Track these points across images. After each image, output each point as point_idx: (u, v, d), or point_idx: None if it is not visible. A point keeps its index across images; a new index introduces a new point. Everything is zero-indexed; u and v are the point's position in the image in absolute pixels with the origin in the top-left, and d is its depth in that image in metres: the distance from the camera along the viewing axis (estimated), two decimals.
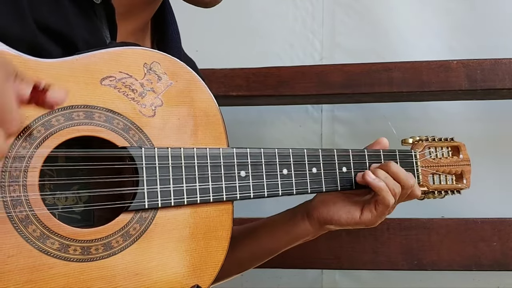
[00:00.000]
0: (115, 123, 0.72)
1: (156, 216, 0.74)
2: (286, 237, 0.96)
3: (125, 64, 0.74)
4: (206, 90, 0.81)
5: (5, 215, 0.64)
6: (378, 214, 0.90)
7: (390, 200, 0.88)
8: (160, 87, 0.77)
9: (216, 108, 0.81)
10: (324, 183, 0.89)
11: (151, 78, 0.76)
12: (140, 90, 0.75)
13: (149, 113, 0.75)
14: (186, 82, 0.79)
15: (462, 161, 1.04)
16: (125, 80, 0.74)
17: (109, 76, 0.73)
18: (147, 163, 0.73)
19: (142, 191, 0.72)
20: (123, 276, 0.70)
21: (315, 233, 0.95)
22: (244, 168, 0.81)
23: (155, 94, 0.76)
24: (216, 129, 0.81)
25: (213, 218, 0.78)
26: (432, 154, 1.01)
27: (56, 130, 0.68)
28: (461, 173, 1.04)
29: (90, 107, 0.71)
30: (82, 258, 0.68)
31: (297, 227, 0.95)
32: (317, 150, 0.88)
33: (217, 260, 0.78)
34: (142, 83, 0.75)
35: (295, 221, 0.95)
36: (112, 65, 0.73)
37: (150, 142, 0.74)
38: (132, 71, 0.75)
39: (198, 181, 0.77)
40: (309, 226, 0.94)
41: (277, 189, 0.84)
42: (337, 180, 0.90)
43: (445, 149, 1.04)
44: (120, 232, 0.71)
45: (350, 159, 0.91)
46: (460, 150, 1.05)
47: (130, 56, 0.75)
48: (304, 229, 0.94)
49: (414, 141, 1.02)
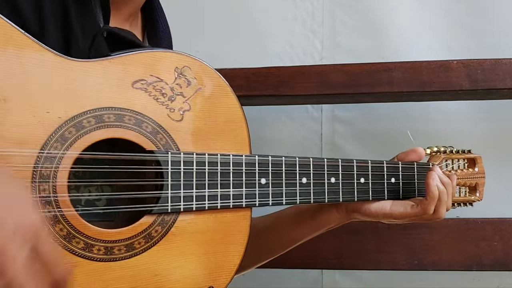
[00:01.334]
0: (144, 126, 0.73)
1: (178, 219, 0.75)
2: (311, 223, 0.96)
3: (157, 67, 0.76)
4: (233, 96, 0.82)
5: None
6: (411, 214, 0.90)
7: (431, 210, 0.89)
8: (189, 91, 0.78)
9: (242, 115, 0.82)
10: (341, 194, 0.89)
11: (181, 82, 0.77)
12: (170, 94, 0.76)
13: (177, 118, 0.76)
14: (214, 87, 0.80)
15: (477, 174, 1.04)
16: (156, 83, 0.75)
17: (141, 79, 0.74)
18: (172, 168, 0.74)
19: (166, 195, 0.73)
20: (143, 276, 0.72)
21: (340, 221, 0.95)
22: (265, 176, 0.82)
23: (184, 98, 0.77)
24: (240, 135, 0.82)
25: (232, 223, 0.80)
26: (449, 166, 1.01)
27: (86, 131, 0.69)
28: (475, 185, 1.04)
29: (120, 110, 0.72)
30: (105, 258, 0.70)
31: (323, 213, 0.95)
32: (337, 160, 0.89)
33: (233, 264, 0.80)
34: (172, 87, 0.76)
35: (321, 207, 0.95)
36: (144, 68, 0.75)
37: (176, 147, 0.75)
38: (163, 75, 0.76)
39: (220, 187, 0.78)
40: (336, 213, 0.94)
41: (295, 197, 0.85)
42: (355, 191, 0.91)
43: (461, 161, 1.03)
44: (142, 234, 0.73)
45: (368, 170, 0.92)
46: (476, 162, 1.05)
47: (162, 59, 0.76)
48: (330, 216, 0.95)
49: (432, 152, 1.01)
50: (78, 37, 0.77)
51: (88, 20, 0.79)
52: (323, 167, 0.87)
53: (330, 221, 0.95)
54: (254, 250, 0.84)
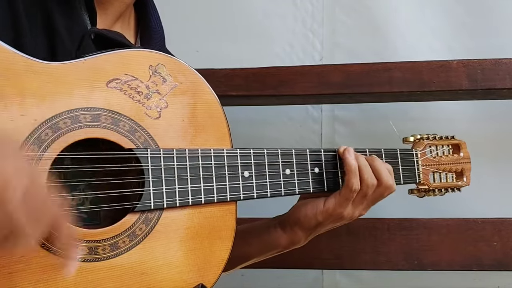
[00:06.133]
0: (121, 125, 0.73)
1: (162, 216, 0.75)
2: (258, 242, 0.95)
3: (131, 66, 0.76)
4: (210, 91, 0.82)
5: None
6: (341, 199, 0.88)
7: (355, 184, 0.87)
8: (165, 89, 0.78)
9: (220, 109, 0.82)
10: (326, 183, 0.89)
11: (156, 80, 0.77)
12: (146, 92, 0.76)
13: (155, 115, 0.76)
14: (191, 84, 0.80)
15: (462, 159, 1.04)
16: (131, 82, 0.75)
17: (115, 78, 0.74)
18: (152, 165, 0.74)
19: (148, 192, 0.73)
20: (129, 275, 0.72)
21: (289, 240, 0.93)
22: (247, 169, 0.82)
23: (160, 96, 0.77)
24: (220, 130, 0.82)
25: (217, 218, 0.79)
26: (433, 152, 1.02)
27: (63, 132, 0.69)
28: (461, 171, 1.04)
29: (96, 109, 0.72)
30: (90, 258, 0.69)
31: (269, 233, 0.94)
32: (320, 150, 0.89)
33: (221, 259, 0.79)
34: (148, 85, 0.76)
35: (268, 228, 0.95)
36: (118, 68, 0.74)
37: (155, 144, 0.75)
38: (137, 73, 0.76)
39: (203, 182, 0.78)
40: (281, 232, 0.93)
41: (279, 189, 0.84)
42: (339, 180, 0.91)
43: (446, 147, 1.04)
44: (126, 233, 0.72)
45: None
46: (460, 148, 1.05)
47: (135, 58, 0.76)
48: (276, 237, 0.94)
49: (415, 139, 1.03)
50: (63, 39, 0.77)
51: (74, 22, 0.79)
52: (306, 157, 0.87)
53: (277, 242, 0.93)
54: None
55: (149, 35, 0.93)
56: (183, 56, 0.83)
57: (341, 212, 0.89)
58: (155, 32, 0.93)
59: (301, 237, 0.93)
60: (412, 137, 1.03)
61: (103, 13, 0.84)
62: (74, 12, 0.80)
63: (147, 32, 0.93)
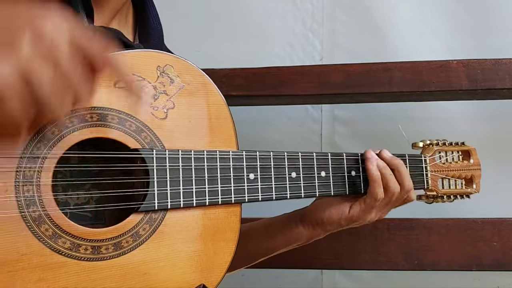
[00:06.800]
0: (128, 125, 0.73)
1: (166, 217, 0.75)
2: (281, 237, 0.96)
3: (139, 67, 0.76)
4: (218, 93, 0.82)
5: (18, 214, 0.65)
6: (366, 207, 0.90)
7: (379, 194, 0.88)
8: (173, 89, 0.78)
9: (227, 111, 0.82)
10: (332, 187, 0.89)
11: (164, 81, 0.77)
12: (153, 93, 0.76)
13: (161, 116, 0.76)
14: (198, 85, 0.80)
15: (472, 166, 1.03)
16: (138, 82, 0.75)
17: None
18: (158, 165, 0.74)
19: (152, 193, 0.73)
20: (132, 275, 0.72)
21: (311, 236, 0.95)
22: (253, 171, 0.81)
23: (168, 96, 0.77)
24: (227, 131, 0.82)
25: (221, 220, 0.79)
26: (443, 158, 1.01)
27: (69, 131, 0.69)
28: (471, 177, 1.03)
29: (103, 109, 0.72)
30: (93, 257, 0.69)
31: (291, 229, 0.95)
32: (327, 153, 0.89)
33: (224, 261, 0.79)
34: (155, 85, 0.76)
35: (289, 223, 0.96)
36: (126, 68, 0.74)
37: (161, 144, 0.75)
38: (145, 74, 0.76)
39: (208, 183, 0.77)
40: (302, 229, 0.94)
41: (285, 192, 0.84)
42: (346, 184, 0.91)
43: (455, 153, 1.03)
44: (130, 232, 0.72)
45: (359, 163, 0.91)
46: (471, 154, 1.04)
47: (143, 59, 0.77)
48: (297, 232, 0.95)
49: (425, 144, 1.01)
50: None
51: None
52: (312, 160, 0.87)
53: (299, 237, 0.95)
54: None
55: (147, 32, 0.93)
56: (183, 56, 0.83)
57: (365, 218, 0.92)
58: (153, 29, 0.93)
59: (320, 233, 0.95)
60: (422, 143, 1.01)
61: (100, 10, 0.84)
62: (71, 10, 0.80)
63: (145, 29, 0.93)
